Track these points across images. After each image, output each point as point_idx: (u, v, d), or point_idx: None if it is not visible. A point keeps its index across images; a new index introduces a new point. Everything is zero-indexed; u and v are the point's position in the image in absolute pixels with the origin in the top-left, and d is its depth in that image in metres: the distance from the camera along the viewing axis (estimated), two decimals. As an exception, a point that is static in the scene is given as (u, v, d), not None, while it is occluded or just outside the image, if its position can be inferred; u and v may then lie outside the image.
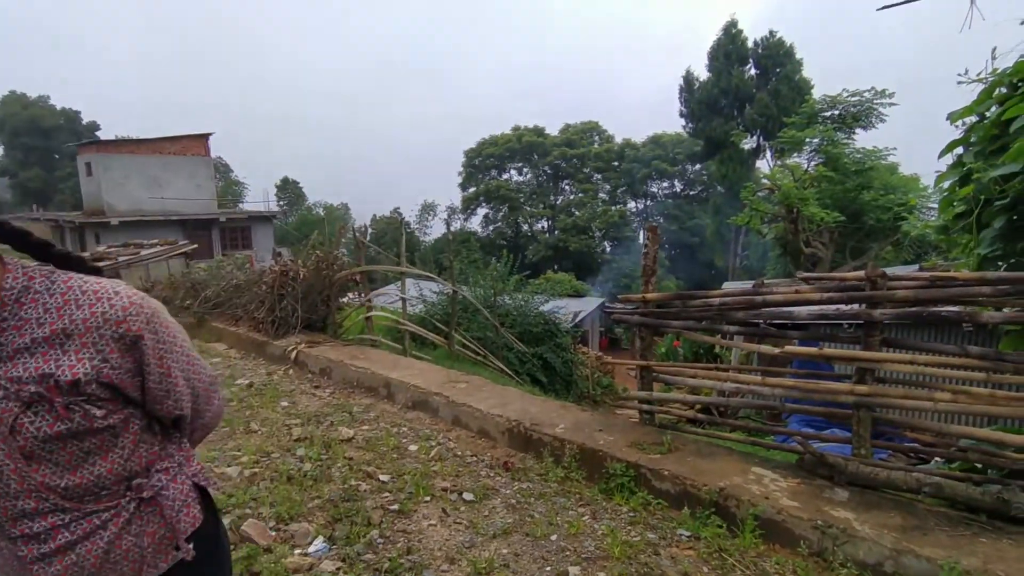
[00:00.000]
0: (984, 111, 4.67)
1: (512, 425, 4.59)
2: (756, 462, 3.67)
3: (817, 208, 13.71)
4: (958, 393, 2.99)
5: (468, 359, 8.82)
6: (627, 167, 47.45)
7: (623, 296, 4.64)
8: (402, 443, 4.55)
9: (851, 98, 16.57)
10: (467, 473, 3.96)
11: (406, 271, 8.46)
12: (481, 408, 4.99)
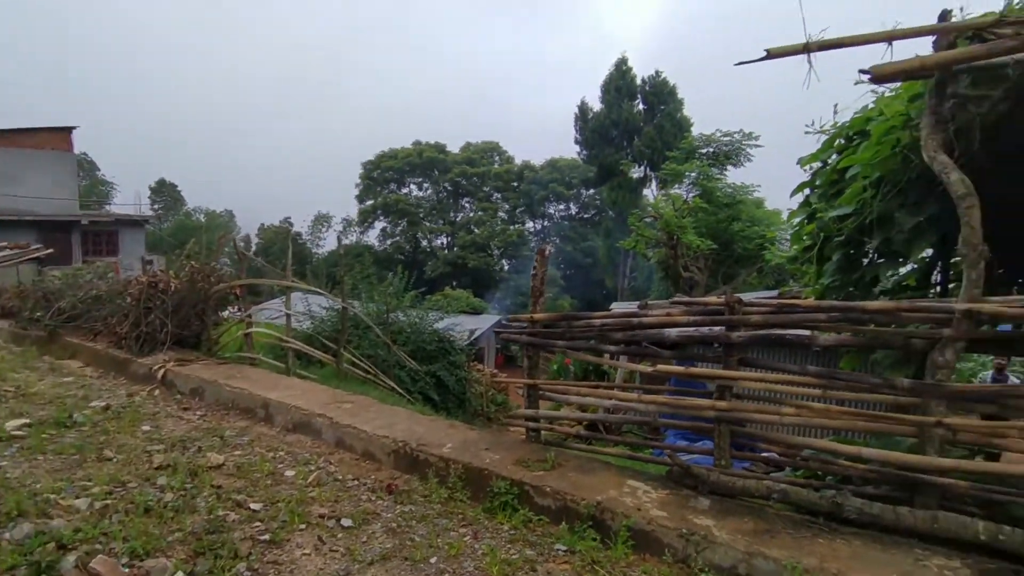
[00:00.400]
0: (827, 158, 5.32)
1: (398, 446, 4.51)
2: (632, 475, 3.86)
3: (694, 236, 14.95)
4: (800, 408, 3.34)
5: (357, 378, 8.56)
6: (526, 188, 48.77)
7: (512, 316, 4.75)
8: (278, 468, 4.31)
9: (723, 138, 18.34)
10: (347, 498, 3.82)
11: (292, 285, 8.08)
12: (367, 429, 4.85)
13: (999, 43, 2.58)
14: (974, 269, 2.83)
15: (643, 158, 35.12)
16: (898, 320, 3.08)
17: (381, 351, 9.56)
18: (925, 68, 2.80)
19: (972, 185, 2.80)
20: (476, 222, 48.39)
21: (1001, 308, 2.72)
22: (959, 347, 2.87)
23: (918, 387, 2.94)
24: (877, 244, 4.56)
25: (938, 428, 2.89)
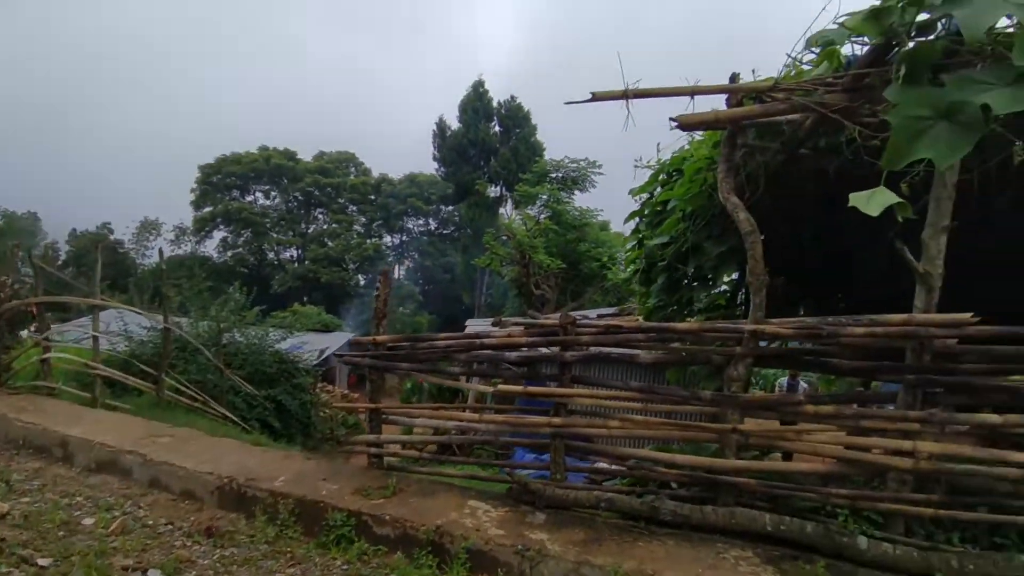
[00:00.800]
0: (652, 190, 5.88)
1: (223, 483, 4.13)
2: (474, 496, 3.90)
3: (544, 256, 15.73)
4: (625, 420, 3.62)
5: (183, 406, 7.70)
6: (384, 201, 47.75)
7: (354, 339, 4.60)
8: (74, 516, 3.74)
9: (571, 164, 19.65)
10: (158, 545, 3.41)
11: (99, 303, 7.08)
12: (187, 466, 4.40)
13: (773, 105, 3.06)
14: (758, 294, 3.28)
15: (500, 178, 36.32)
16: (702, 339, 3.47)
17: (212, 375, 8.71)
18: (719, 121, 3.23)
19: (756, 223, 3.26)
20: (330, 234, 46.32)
21: (779, 328, 3.18)
22: (748, 362, 3.30)
23: (717, 398, 3.33)
24: (692, 269, 5.11)
25: (734, 434, 3.29)
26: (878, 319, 3.00)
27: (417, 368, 4.34)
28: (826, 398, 3.27)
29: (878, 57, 2.73)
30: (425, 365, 4.40)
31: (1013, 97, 2.12)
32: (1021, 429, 2.85)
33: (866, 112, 2.93)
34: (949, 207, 2.82)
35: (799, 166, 4.11)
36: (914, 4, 2.43)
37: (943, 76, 2.38)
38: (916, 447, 2.97)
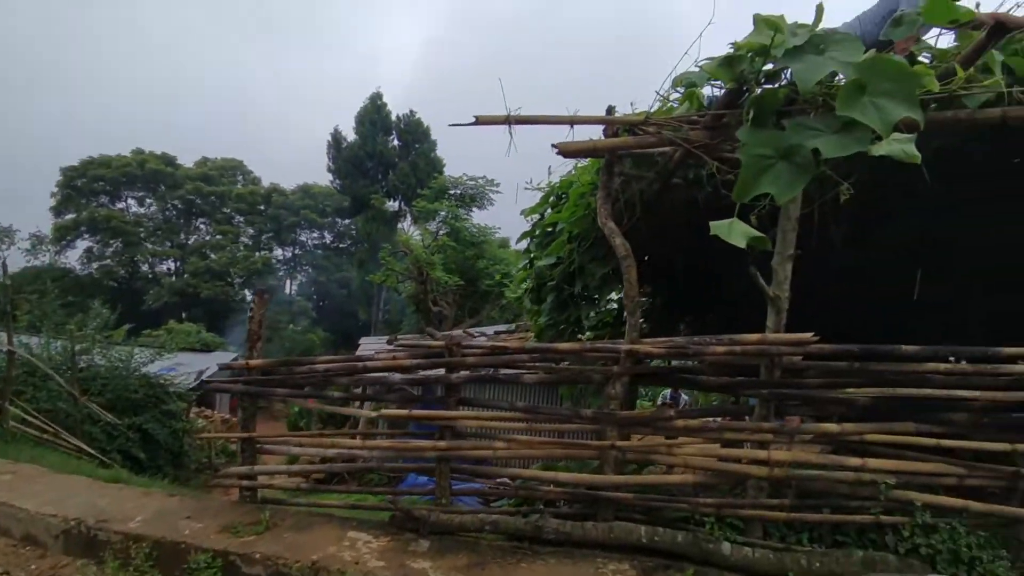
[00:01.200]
0: (543, 211, 6.05)
1: (70, 525, 3.69)
2: (355, 526, 3.74)
3: (442, 272, 15.66)
4: (510, 441, 3.64)
5: (30, 439, 6.79)
6: (274, 213, 45.29)
7: (224, 364, 4.28)
8: None
9: (469, 182, 19.84)
10: (-20, 606, 2.95)
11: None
12: (28, 507, 3.91)
13: (645, 138, 3.26)
14: (633, 316, 3.45)
15: (398, 192, 35.83)
16: (583, 359, 3.59)
17: (65, 403, 7.76)
18: (597, 150, 3.39)
19: (631, 248, 3.43)
20: (213, 246, 43.16)
21: (651, 348, 3.35)
22: (626, 381, 3.44)
23: (597, 416, 3.45)
24: (578, 289, 5.29)
25: (612, 450, 3.42)
26: (736, 338, 3.25)
27: (296, 394, 4.12)
28: (694, 412, 3.49)
29: (732, 100, 2.99)
30: (306, 390, 4.19)
31: (839, 143, 2.40)
32: (856, 437, 3.20)
33: (726, 148, 3.20)
34: (793, 237, 3.12)
35: (672, 194, 4.40)
36: (761, 55, 2.69)
37: (784, 121, 2.65)
38: (770, 456, 3.24)
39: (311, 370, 3.93)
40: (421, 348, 3.78)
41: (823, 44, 2.51)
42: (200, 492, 6.71)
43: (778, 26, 2.57)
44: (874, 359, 3.15)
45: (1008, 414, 3.08)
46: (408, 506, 3.64)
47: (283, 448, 4.31)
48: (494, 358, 3.65)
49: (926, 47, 3.02)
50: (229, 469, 4.29)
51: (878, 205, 4.14)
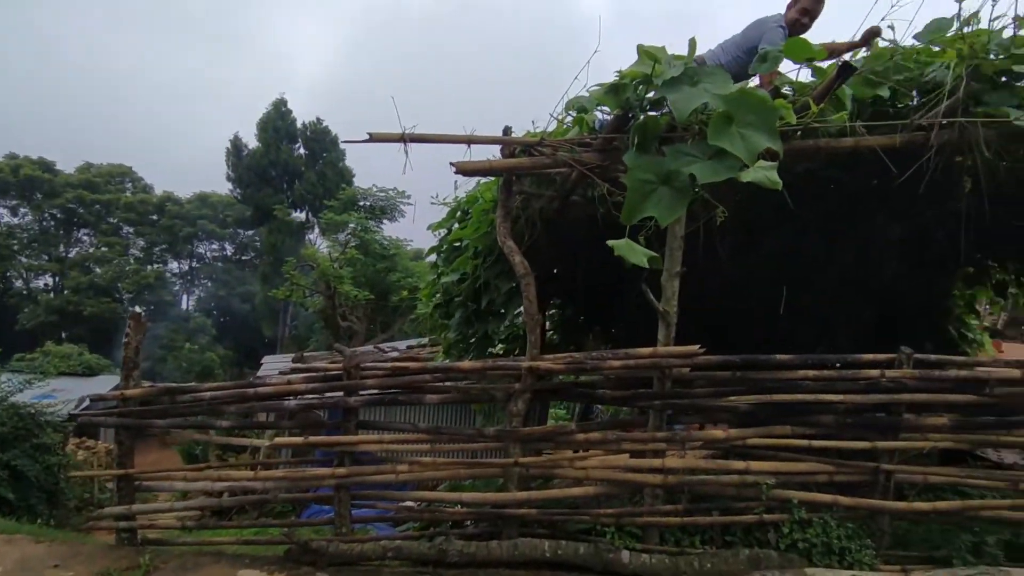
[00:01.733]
0: (449, 226, 6.03)
1: (-103, 593, 3.19)
2: (247, 563, 3.51)
3: (351, 286, 15.19)
4: (414, 464, 3.57)
5: None
6: (168, 223, 42.07)
7: (95, 395, 3.90)
8: None
9: (379, 193, 19.44)
10: None
11: None
12: None
13: (540, 159, 3.33)
14: (533, 333, 3.50)
15: (305, 203, 34.42)
16: (486, 376, 3.59)
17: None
18: (494, 170, 3.42)
19: (534, 263, 3.49)
20: (97, 259, 39.42)
21: (551, 364, 3.41)
22: (527, 397, 3.48)
23: (500, 433, 3.46)
24: (485, 304, 5.30)
25: (515, 467, 3.43)
26: (631, 352, 3.38)
27: (178, 424, 3.82)
28: (593, 426, 3.58)
29: (620, 125, 3.13)
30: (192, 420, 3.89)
31: (712, 170, 2.57)
32: (740, 442, 3.41)
33: (619, 170, 3.33)
34: (679, 255, 3.30)
35: (572, 211, 4.52)
36: (644, 84, 2.84)
37: (665, 147, 2.80)
38: (664, 464, 3.38)
39: (196, 398, 3.66)
40: (318, 372, 3.63)
41: (697, 76, 2.68)
42: (77, 535, 6.05)
43: (658, 58, 2.72)
44: (753, 368, 3.39)
45: (868, 414, 3.40)
46: (305, 538, 3.47)
47: (163, 485, 3.99)
48: (396, 379, 3.58)
49: (787, 80, 3.31)
50: (103, 510, 3.91)
51: (756, 222, 4.47)
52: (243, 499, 3.86)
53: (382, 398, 3.60)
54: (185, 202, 43.39)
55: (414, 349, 12.95)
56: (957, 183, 3.51)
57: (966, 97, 2.97)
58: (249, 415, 3.99)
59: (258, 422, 3.80)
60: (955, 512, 3.34)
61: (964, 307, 6.96)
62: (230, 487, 3.73)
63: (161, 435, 10.32)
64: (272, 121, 35.26)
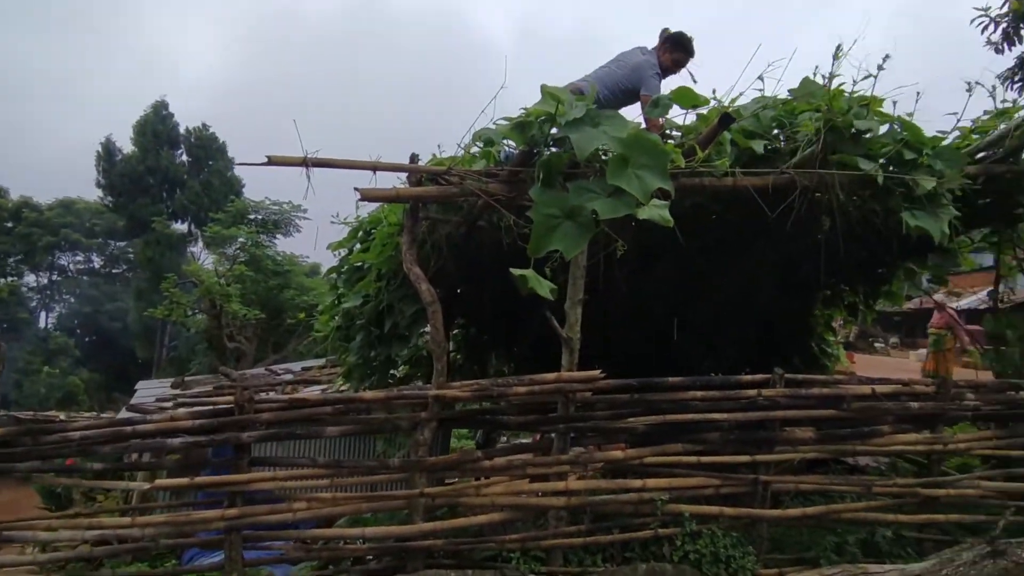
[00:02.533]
0: (351, 246, 5.86)
1: None
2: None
3: (239, 305, 14.23)
4: (312, 500, 3.41)
5: None
6: (25, 231, 37.25)
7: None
8: None
9: (272, 206, 18.46)
10: None
11: None
12: None
13: (448, 188, 3.35)
14: (440, 361, 3.49)
15: (188, 214, 31.89)
16: (390, 406, 3.52)
17: None
18: (400, 198, 3.40)
19: (441, 285, 3.48)
20: (-69, 273, 34.19)
21: (458, 392, 3.41)
22: (434, 426, 3.45)
23: (405, 464, 3.40)
24: (389, 327, 5.19)
25: (421, 498, 3.38)
26: (536, 378, 3.47)
27: (40, 468, 3.39)
28: (498, 451, 3.62)
29: (526, 159, 3.23)
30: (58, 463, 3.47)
31: (612, 206, 2.73)
32: (637, 461, 3.59)
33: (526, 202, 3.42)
34: (582, 284, 3.44)
35: (479, 236, 4.57)
36: (548, 122, 2.96)
37: (569, 183, 2.94)
38: (568, 486, 3.48)
39: (64, 438, 3.27)
40: (206, 407, 3.38)
41: (597, 119, 2.84)
42: None
43: (560, 98, 2.85)
44: (649, 390, 3.59)
45: (748, 430, 3.71)
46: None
47: (21, 535, 3.51)
48: (293, 412, 3.41)
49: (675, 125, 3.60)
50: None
51: (652, 250, 4.76)
52: (120, 548, 3.49)
53: (278, 432, 3.42)
54: (46, 209, 38.72)
55: (311, 371, 12.36)
56: (818, 219, 3.95)
57: (824, 147, 3.38)
58: (122, 457, 3.62)
59: (135, 463, 3.45)
60: (821, 516, 3.72)
61: (823, 325, 7.81)
62: (101, 535, 3.35)
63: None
64: (151, 124, 32.47)
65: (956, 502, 3.90)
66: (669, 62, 4.20)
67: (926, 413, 3.82)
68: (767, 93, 4.06)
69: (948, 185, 3.47)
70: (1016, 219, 4.92)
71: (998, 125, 4.21)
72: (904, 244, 4.70)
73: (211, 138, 33.46)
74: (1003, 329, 4.89)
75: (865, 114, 3.72)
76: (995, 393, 4.04)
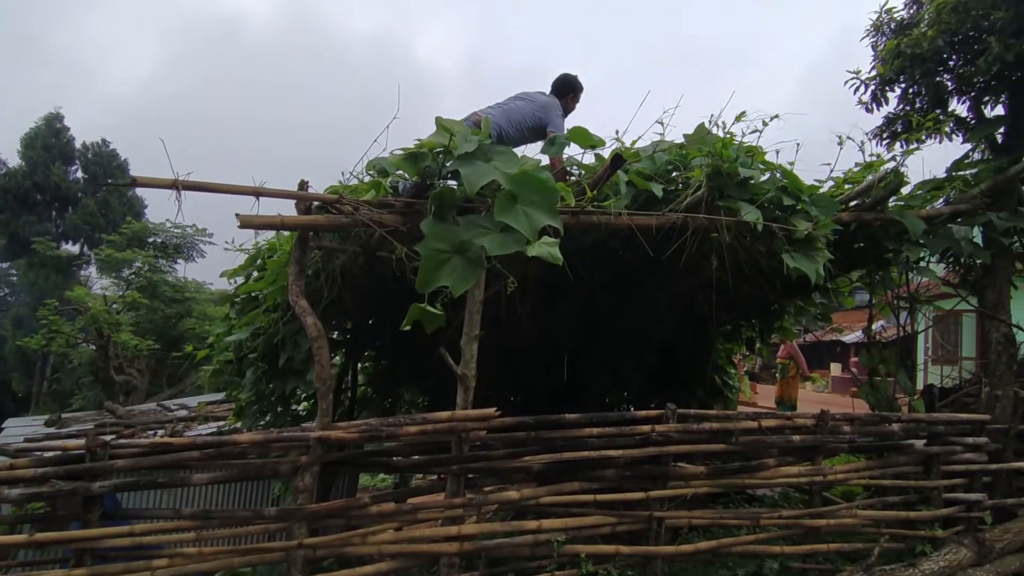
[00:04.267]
0: (248, 274, 5.53)
1: None
2: None
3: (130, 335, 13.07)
4: (174, 556, 3.06)
5: None
6: None
7: None
8: None
9: (174, 229, 17.26)
10: None
11: None
12: None
13: (337, 217, 3.21)
14: (324, 399, 3.28)
15: (80, 235, 29.31)
16: (269, 450, 3.25)
17: None
18: (285, 226, 3.21)
19: (323, 328, 3.29)
20: None
21: (344, 434, 3.21)
22: (316, 470, 3.21)
23: (282, 513, 3.13)
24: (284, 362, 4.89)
25: (300, 549, 3.11)
26: (429, 417, 3.32)
27: None
28: (388, 495, 3.42)
29: (421, 191, 3.15)
30: None
31: (502, 242, 2.69)
32: (533, 501, 3.50)
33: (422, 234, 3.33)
34: (478, 319, 3.36)
35: (379, 267, 4.43)
36: (441, 154, 2.90)
37: (461, 218, 2.88)
38: (460, 531, 3.33)
39: None
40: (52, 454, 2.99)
41: (489, 153, 2.82)
42: None
43: (453, 131, 2.81)
44: (546, 428, 3.53)
45: (642, 466, 3.72)
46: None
47: None
48: (155, 458, 3.07)
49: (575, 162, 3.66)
50: None
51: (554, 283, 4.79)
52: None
53: (137, 482, 3.06)
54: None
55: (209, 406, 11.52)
56: (708, 258, 4.12)
57: (710, 191, 3.53)
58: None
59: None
60: (714, 550, 3.76)
61: (724, 358, 8.16)
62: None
63: None
64: (42, 137, 29.85)
65: (837, 531, 4.09)
66: (571, 104, 4.37)
67: (807, 445, 3.98)
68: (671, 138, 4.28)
69: (820, 231, 3.71)
70: (886, 262, 5.36)
71: (866, 176, 4.61)
72: (789, 284, 4.99)
73: (110, 155, 31.15)
74: (876, 364, 5.26)
75: (750, 162, 3.95)
76: (869, 425, 4.29)
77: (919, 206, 4.74)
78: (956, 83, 5.19)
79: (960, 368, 7.28)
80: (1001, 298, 4.88)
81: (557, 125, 4.02)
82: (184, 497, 5.39)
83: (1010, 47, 4.37)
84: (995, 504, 4.42)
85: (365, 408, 7.20)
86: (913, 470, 4.38)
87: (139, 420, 10.19)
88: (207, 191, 2.88)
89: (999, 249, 4.81)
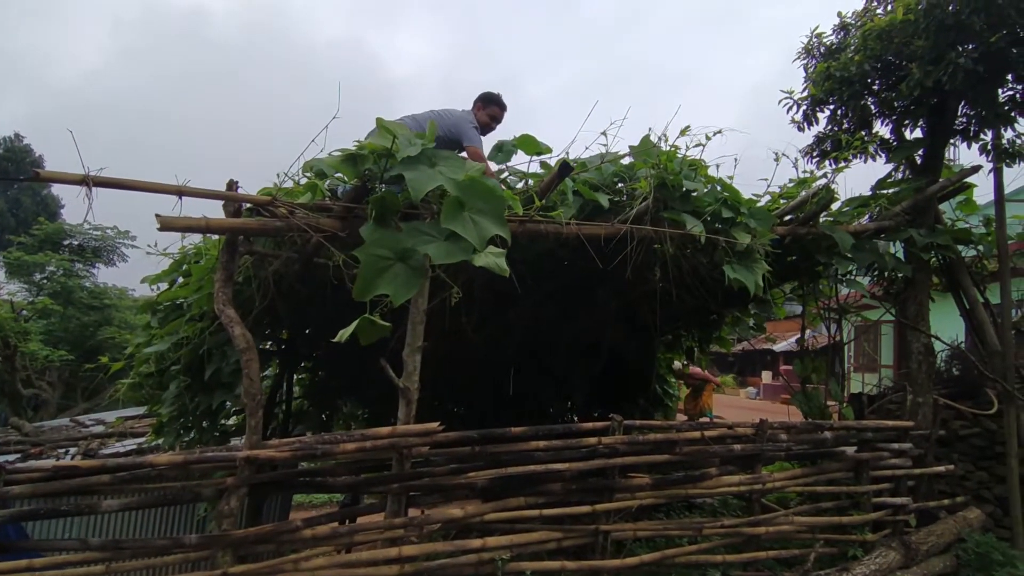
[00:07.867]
0: (172, 280, 5.17)
1: None
2: None
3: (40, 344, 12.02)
4: (79, 594, 2.75)
5: None
6: None
7: None
8: None
9: (94, 231, 16.09)
10: None
11: None
12: None
13: (271, 221, 3.01)
14: (254, 416, 3.05)
15: (-13, 235, 27.15)
16: (190, 472, 3.00)
17: None
18: (210, 229, 2.98)
19: (252, 340, 3.07)
20: None
21: (275, 452, 2.99)
22: (243, 492, 2.98)
23: (204, 540, 2.88)
24: (210, 375, 4.57)
25: (223, 580, 2.87)
26: (368, 433, 3.16)
27: None
28: (323, 518, 3.22)
29: (360, 195, 3.00)
30: None
31: (447, 251, 2.58)
32: (477, 518, 3.38)
33: (361, 240, 3.17)
34: (421, 330, 3.22)
35: (316, 273, 4.21)
36: (384, 157, 2.76)
37: (404, 224, 2.74)
38: (401, 552, 3.16)
39: None
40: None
41: (435, 158, 2.71)
42: None
43: (396, 134, 2.68)
44: (491, 442, 3.42)
45: (589, 479, 3.67)
46: None
47: None
48: (59, 483, 2.77)
49: (519, 172, 3.59)
50: None
51: (502, 293, 4.71)
52: None
53: (37, 510, 2.75)
54: None
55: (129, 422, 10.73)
56: (652, 269, 4.14)
57: (655, 203, 3.54)
58: None
59: None
60: (658, 562, 3.75)
61: (665, 368, 8.30)
62: None
63: None
64: (-56, 129, 27.45)
65: (775, 538, 4.17)
66: (486, 119, 4.31)
67: (747, 454, 4.05)
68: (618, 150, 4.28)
69: (760, 243, 3.79)
70: (817, 275, 5.58)
71: (800, 192, 4.77)
72: (728, 294, 5.10)
73: (24, 151, 28.98)
74: (808, 372, 5.45)
75: (693, 176, 4.01)
76: (804, 434, 4.41)
77: (847, 221, 4.95)
78: (880, 106, 5.47)
79: (880, 376, 7.67)
80: (921, 310, 5.15)
81: (472, 138, 3.95)
82: (95, 525, 4.92)
83: (929, 73, 4.63)
84: (919, 507, 4.62)
85: (301, 422, 6.87)
86: (844, 476, 4.54)
87: (49, 437, 9.36)
88: (123, 188, 2.63)
89: (919, 264, 5.09)
